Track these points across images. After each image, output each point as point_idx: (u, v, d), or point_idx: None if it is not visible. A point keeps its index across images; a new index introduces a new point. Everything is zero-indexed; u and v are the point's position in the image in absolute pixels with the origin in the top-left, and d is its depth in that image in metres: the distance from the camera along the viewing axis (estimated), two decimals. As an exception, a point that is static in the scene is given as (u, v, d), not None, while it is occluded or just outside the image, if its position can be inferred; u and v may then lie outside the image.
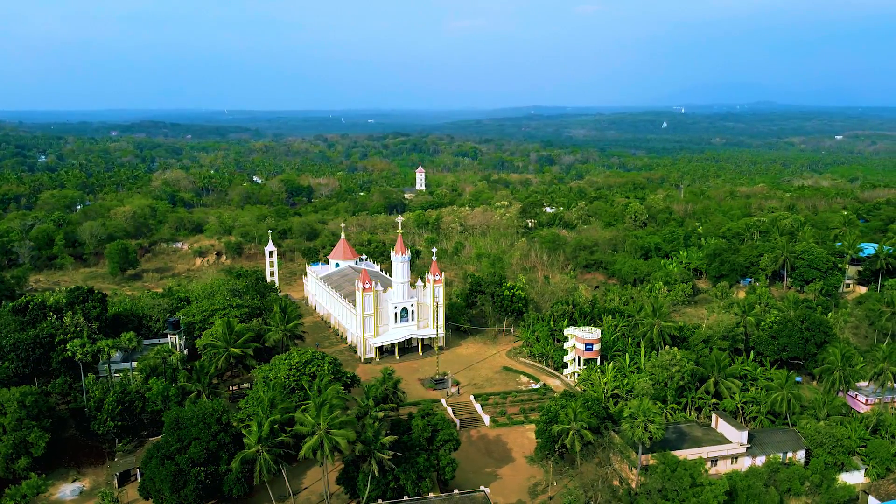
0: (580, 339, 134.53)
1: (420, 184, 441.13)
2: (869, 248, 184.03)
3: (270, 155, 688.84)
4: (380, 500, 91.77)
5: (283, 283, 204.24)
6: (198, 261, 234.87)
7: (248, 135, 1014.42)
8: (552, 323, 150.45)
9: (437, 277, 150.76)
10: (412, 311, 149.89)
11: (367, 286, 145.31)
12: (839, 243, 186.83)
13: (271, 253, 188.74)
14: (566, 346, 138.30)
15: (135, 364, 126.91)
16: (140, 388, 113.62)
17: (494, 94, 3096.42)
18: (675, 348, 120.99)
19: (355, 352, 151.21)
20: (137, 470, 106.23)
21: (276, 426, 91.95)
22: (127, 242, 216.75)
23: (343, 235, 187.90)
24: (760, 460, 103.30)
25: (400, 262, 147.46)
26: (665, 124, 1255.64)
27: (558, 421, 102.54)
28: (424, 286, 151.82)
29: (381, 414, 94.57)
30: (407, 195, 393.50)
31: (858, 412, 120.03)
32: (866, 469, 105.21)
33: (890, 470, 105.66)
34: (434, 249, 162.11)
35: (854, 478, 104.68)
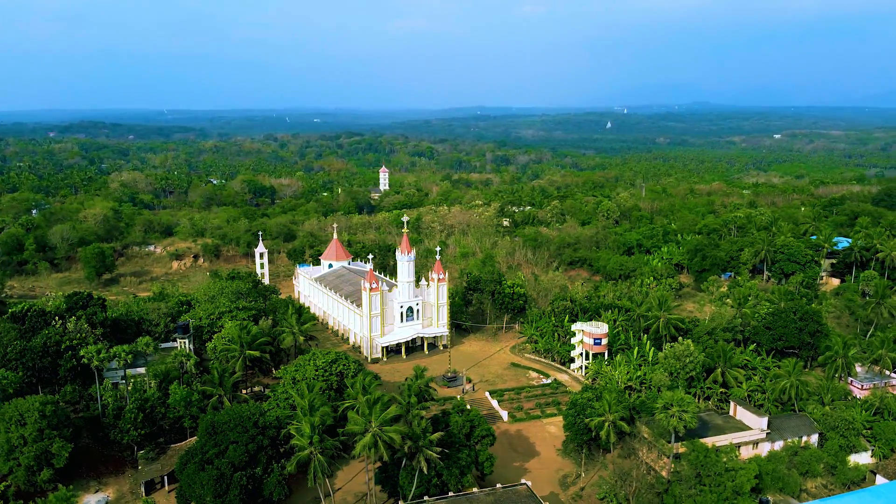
0: (588, 333, 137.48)
1: (384, 183, 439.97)
2: (843, 242, 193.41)
3: (221, 155, 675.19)
4: (426, 497, 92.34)
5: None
6: (174, 264, 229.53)
7: (192, 135, 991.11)
8: (553, 319, 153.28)
9: (441, 276, 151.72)
10: (417, 311, 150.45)
11: (373, 286, 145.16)
12: (814, 237, 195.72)
13: (262, 254, 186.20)
14: (573, 341, 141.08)
15: (142, 370, 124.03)
16: (156, 393, 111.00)
17: (440, 95, 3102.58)
18: (689, 340, 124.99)
19: (360, 352, 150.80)
20: (164, 477, 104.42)
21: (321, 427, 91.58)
22: (102, 246, 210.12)
23: (335, 236, 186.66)
24: (778, 445, 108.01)
25: (406, 261, 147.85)
26: (609, 125, 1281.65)
27: (587, 414, 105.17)
28: (428, 285, 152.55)
29: (423, 412, 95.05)
30: (373, 195, 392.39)
31: (856, 397, 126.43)
32: (873, 450, 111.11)
33: (894, 450, 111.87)
34: (438, 249, 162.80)
35: (862, 458, 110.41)
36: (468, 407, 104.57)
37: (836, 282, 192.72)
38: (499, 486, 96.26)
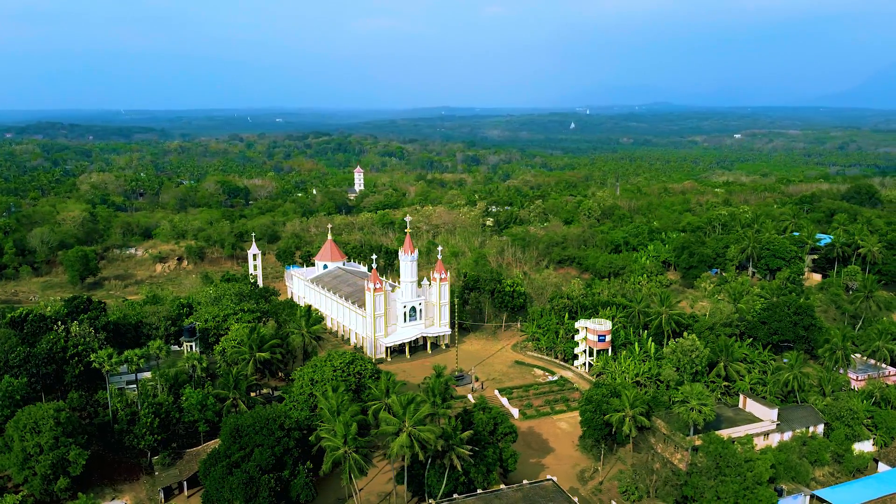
0: (592, 330, 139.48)
1: (359, 184, 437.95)
2: (825, 239, 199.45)
3: (187, 156, 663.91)
4: (455, 495, 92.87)
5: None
6: (158, 267, 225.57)
7: (153, 135, 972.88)
8: (553, 317, 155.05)
9: (444, 276, 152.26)
10: (420, 310, 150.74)
11: (377, 286, 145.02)
12: (796, 233, 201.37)
13: (255, 256, 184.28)
14: (577, 338, 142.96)
15: (147, 374, 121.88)
16: (169, 398, 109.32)
17: (404, 95, 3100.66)
18: (694, 335, 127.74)
19: (362, 352, 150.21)
20: (183, 483, 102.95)
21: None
22: (85, 249, 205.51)
23: (329, 237, 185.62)
24: (787, 435, 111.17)
25: (409, 261, 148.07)
26: (573, 125, 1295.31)
27: (603, 410, 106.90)
28: (430, 285, 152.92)
29: (450, 411, 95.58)
30: (349, 195, 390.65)
31: (852, 389, 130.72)
32: (874, 438, 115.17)
33: (893, 438, 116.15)
34: (440, 248, 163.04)
35: (864, 446, 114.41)
36: (490, 405, 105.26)
37: (817, 277, 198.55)
38: (525, 482, 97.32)
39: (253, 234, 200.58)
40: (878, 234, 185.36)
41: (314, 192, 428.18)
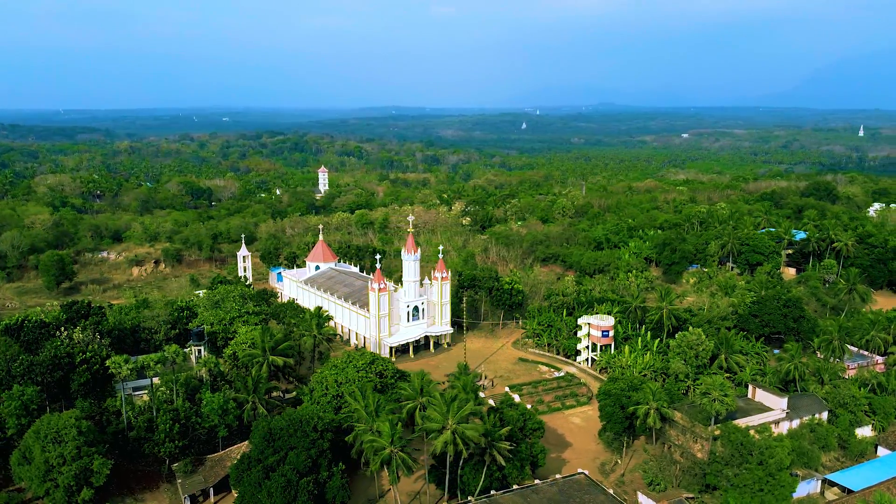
0: (596, 326, 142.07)
1: (323, 183, 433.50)
2: (799, 234, 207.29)
3: (139, 157, 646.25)
4: (493, 492, 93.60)
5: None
6: (135, 270, 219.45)
7: (98, 135, 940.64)
8: (552, 314, 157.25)
9: (445, 275, 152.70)
10: (423, 310, 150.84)
11: (382, 286, 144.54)
12: (772, 229, 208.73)
13: (245, 258, 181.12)
14: (580, 334, 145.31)
15: (156, 380, 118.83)
16: (186, 403, 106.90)
17: (353, 94, 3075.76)
18: (699, 329, 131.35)
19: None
20: (209, 490, 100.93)
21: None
22: (61, 253, 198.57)
23: (321, 238, 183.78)
24: (795, 423, 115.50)
25: (412, 260, 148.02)
26: (524, 125, 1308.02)
27: (623, 403, 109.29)
28: (431, 284, 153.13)
29: (484, 408, 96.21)
30: (316, 195, 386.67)
31: (844, 378, 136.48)
32: (873, 424, 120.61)
33: (890, 423, 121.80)
34: (441, 248, 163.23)
35: (864, 432, 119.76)
36: (516, 402, 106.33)
37: (791, 271, 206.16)
38: (558, 476, 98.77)
39: (242, 236, 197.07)
40: (851, 230, 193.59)
41: (277, 192, 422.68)
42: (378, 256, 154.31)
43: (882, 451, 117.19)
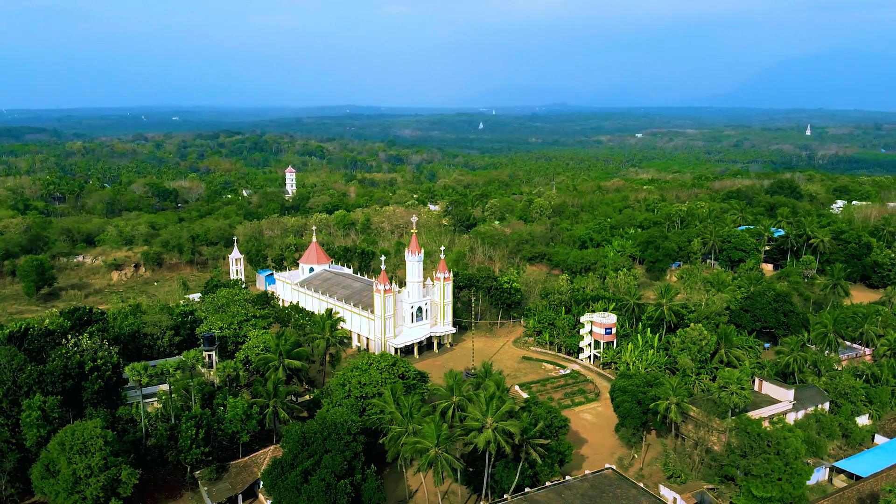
0: (599, 323, 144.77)
1: (290, 184, 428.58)
2: (777, 231, 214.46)
3: (93, 157, 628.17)
4: (527, 489, 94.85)
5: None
6: (114, 275, 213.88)
7: (46, 136, 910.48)
8: (551, 312, 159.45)
9: (447, 275, 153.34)
10: (426, 310, 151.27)
11: (387, 288, 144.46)
12: (752, 227, 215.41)
13: (237, 260, 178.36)
14: (583, 331, 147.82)
15: (163, 387, 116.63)
16: (207, 410, 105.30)
17: (306, 93, 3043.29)
18: (701, 325, 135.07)
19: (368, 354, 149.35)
20: (238, 496, 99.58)
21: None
22: (40, 258, 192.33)
23: (315, 240, 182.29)
24: (800, 414, 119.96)
25: (416, 261, 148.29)
26: (481, 125, 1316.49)
27: (638, 399, 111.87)
28: (434, 284, 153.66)
29: (517, 407, 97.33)
30: (285, 196, 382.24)
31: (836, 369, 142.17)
32: (870, 413, 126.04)
33: (886, 412, 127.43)
34: (442, 248, 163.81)
35: (862, 420, 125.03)
36: (524, 397, 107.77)
37: (768, 267, 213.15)
38: (587, 472, 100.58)
39: (235, 239, 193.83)
40: (828, 227, 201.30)
41: (244, 193, 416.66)
42: (383, 258, 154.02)
43: (880, 439, 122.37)
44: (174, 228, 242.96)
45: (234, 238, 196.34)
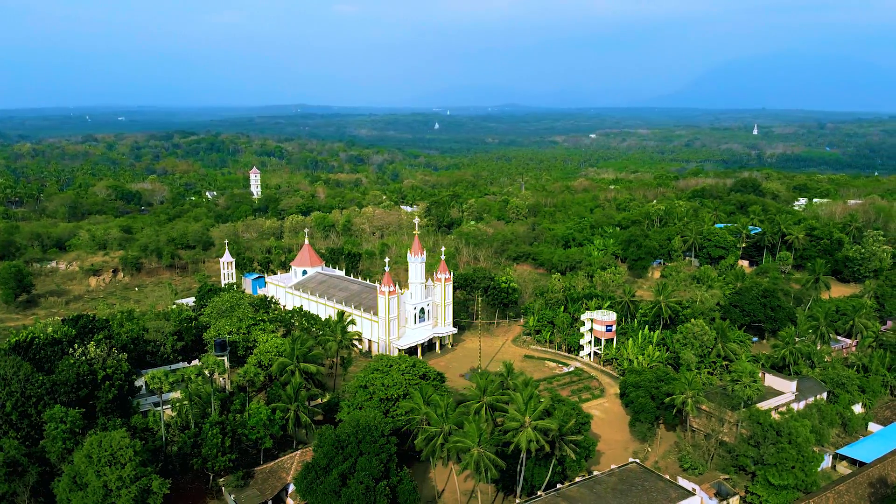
0: (599, 321, 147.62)
1: (255, 186, 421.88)
2: (754, 229, 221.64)
3: (44, 160, 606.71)
4: (559, 485, 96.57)
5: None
6: (92, 281, 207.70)
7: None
8: (549, 311, 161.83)
9: (448, 276, 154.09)
10: (428, 311, 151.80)
11: (391, 289, 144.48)
12: (729, 224, 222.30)
13: (229, 264, 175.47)
14: (583, 329, 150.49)
15: (174, 394, 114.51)
16: (230, 416, 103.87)
17: (255, 92, 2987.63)
18: (700, 320, 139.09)
19: (370, 355, 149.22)
20: (269, 502, 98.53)
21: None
22: (16, 264, 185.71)
23: (307, 242, 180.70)
24: (801, 405, 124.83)
25: (418, 262, 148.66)
26: (437, 126, 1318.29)
27: (652, 394, 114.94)
28: (434, 285, 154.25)
29: (553, 406, 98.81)
30: (253, 198, 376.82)
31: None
32: (863, 402, 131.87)
33: (877, 400, 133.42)
34: (443, 248, 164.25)
35: (856, 409, 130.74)
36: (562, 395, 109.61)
37: (744, 263, 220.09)
38: (613, 466, 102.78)
39: (226, 242, 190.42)
40: (801, 224, 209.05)
41: (208, 195, 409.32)
42: (387, 259, 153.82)
43: (874, 427, 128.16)
44: (149, 232, 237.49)
45: (225, 241, 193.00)
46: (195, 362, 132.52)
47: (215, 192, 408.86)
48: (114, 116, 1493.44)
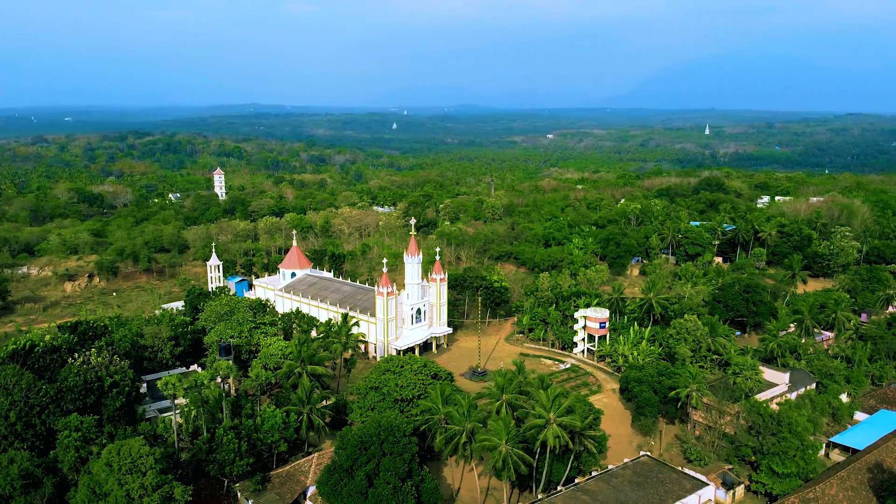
0: (593, 318, 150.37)
1: (220, 187, 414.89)
2: (729, 226, 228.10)
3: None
4: (577, 478, 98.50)
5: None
6: (67, 286, 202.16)
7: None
8: (541, 309, 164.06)
9: (442, 276, 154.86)
10: (425, 312, 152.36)
11: (390, 290, 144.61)
12: (706, 222, 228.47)
13: (217, 267, 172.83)
14: (577, 326, 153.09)
15: (180, 400, 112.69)
16: (246, 421, 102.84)
17: (206, 91, 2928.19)
18: (694, 315, 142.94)
19: (367, 357, 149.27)
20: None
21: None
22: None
23: (295, 244, 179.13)
24: (793, 395, 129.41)
25: (415, 263, 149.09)
26: (395, 126, 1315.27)
27: (656, 388, 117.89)
28: (430, 286, 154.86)
29: (566, 402, 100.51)
30: (219, 199, 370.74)
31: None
32: (849, 392, 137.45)
33: (861, 390, 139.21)
34: (438, 249, 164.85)
35: (842, 398, 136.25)
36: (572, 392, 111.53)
37: (718, 260, 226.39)
38: (626, 459, 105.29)
39: (213, 245, 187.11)
40: (773, 221, 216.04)
41: (171, 197, 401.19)
42: (385, 260, 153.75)
43: (860, 415, 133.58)
44: (122, 235, 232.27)
45: (213, 245, 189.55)
46: (194, 367, 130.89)
47: (179, 195, 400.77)
48: (60, 117, 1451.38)
